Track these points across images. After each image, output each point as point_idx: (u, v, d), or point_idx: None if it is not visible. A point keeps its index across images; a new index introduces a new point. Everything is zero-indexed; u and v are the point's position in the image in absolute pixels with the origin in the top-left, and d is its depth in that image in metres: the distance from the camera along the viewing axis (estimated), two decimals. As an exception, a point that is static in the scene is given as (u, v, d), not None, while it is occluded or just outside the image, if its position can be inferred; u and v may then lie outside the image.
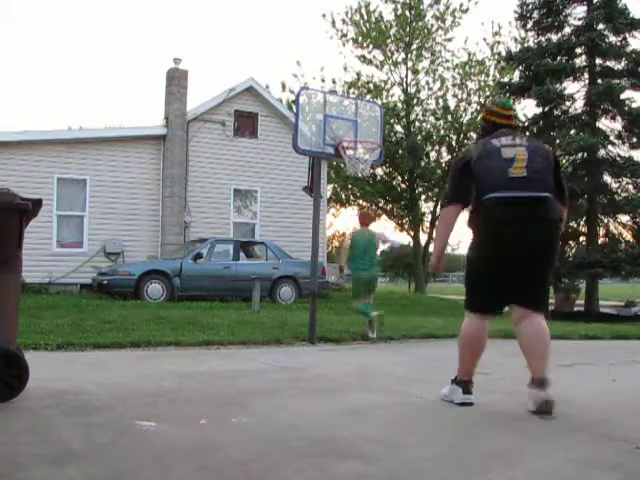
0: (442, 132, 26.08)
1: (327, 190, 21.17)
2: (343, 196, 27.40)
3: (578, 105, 17.03)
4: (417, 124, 26.12)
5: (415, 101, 25.69)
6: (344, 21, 25.46)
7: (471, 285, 3.69)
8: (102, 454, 2.58)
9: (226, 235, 15.22)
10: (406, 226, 28.71)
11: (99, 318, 8.06)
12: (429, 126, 26.27)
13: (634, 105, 16.11)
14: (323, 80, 26.11)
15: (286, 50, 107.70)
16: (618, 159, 16.33)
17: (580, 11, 17.08)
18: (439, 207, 5.22)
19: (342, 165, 7.55)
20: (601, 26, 16.48)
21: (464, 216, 3.72)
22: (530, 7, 17.47)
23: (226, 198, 15.87)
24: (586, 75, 16.96)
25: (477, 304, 3.64)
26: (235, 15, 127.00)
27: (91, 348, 5.95)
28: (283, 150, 15.78)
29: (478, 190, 3.47)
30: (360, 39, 25.33)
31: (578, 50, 16.98)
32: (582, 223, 17.01)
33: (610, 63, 16.72)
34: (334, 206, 27.78)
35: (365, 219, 8.02)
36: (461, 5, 24.98)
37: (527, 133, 18.21)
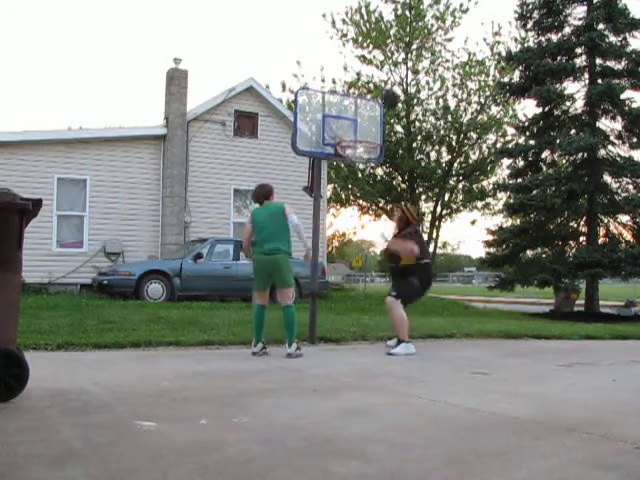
0: (442, 132, 26.07)
1: (327, 190, 21.16)
2: (343, 196, 27.38)
3: (578, 105, 16.99)
4: (417, 124, 26.11)
5: (415, 101, 25.68)
6: (344, 21, 25.45)
7: (413, 294, 6.88)
8: (102, 454, 2.58)
9: (226, 235, 15.21)
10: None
11: (99, 318, 8.06)
12: (429, 126, 26.26)
13: (634, 105, 16.05)
14: (323, 80, 26.12)
15: (286, 50, 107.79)
16: (618, 159, 16.29)
17: (580, 11, 17.04)
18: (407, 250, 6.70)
19: (342, 165, 7.54)
20: (601, 26, 16.44)
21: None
22: (530, 7, 17.41)
23: (226, 198, 15.86)
24: (586, 75, 16.92)
25: (411, 301, 6.96)
26: (235, 15, 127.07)
27: (91, 348, 5.95)
28: (283, 150, 15.77)
29: (421, 251, 6.74)
30: (360, 39, 25.31)
31: (578, 50, 16.93)
32: (582, 223, 16.98)
33: (610, 63, 16.66)
34: (334, 206, 27.78)
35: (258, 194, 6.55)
36: (461, 5, 24.97)
37: (527, 133, 18.23)
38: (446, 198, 27.67)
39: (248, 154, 16.06)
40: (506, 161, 20.91)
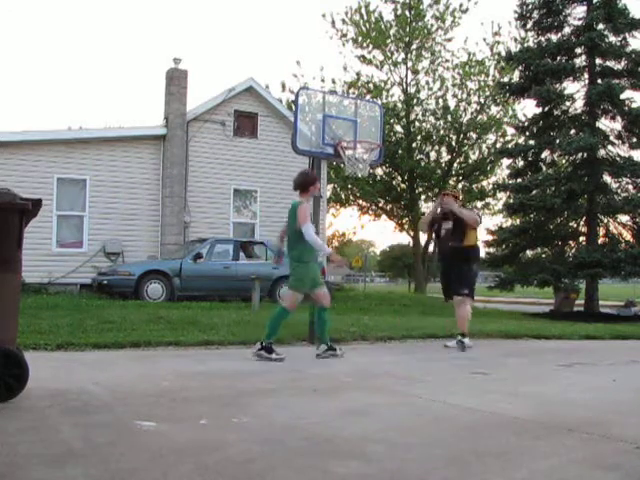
0: (442, 132, 26.08)
1: (327, 190, 21.16)
2: (343, 196, 27.40)
3: (578, 105, 17.00)
4: (417, 124, 26.12)
5: (415, 101, 25.68)
6: (344, 21, 25.47)
7: (475, 283, 7.06)
8: (102, 454, 2.58)
9: (226, 235, 15.21)
10: (406, 226, 28.71)
11: (99, 318, 8.06)
12: (429, 126, 26.27)
13: (634, 105, 16.04)
14: (323, 80, 26.14)
15: (286, 50, 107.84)
16: (618, 159, 16.29)
17: (580, 11, 17.04)
18: (474, 219, 6.98)
19: (342, 165, 7.54)
20: (601, 26, 16.43)
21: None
22: (530, 7, 17.41)
23: (226, 198, 15.85)
24: (586, 75, 16.91)
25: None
26: (234, 15, 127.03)
27: (91, 348, 5.94)
28: (283, 150, 15.77)
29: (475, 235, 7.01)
30: (360, 39, 25.32)
31: (578, 50, 16.93)
32: (582, 223, 16.99)
33: (610, 63, 16.66)
34: (334, 206, 27.79)
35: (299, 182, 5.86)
36: (461, 5, 24.98)
37: (527, 133, 18.23)
38: (446, 198, 27.62)
39: (248, 154, 16.06)
40: (506, 161, 20.93)
